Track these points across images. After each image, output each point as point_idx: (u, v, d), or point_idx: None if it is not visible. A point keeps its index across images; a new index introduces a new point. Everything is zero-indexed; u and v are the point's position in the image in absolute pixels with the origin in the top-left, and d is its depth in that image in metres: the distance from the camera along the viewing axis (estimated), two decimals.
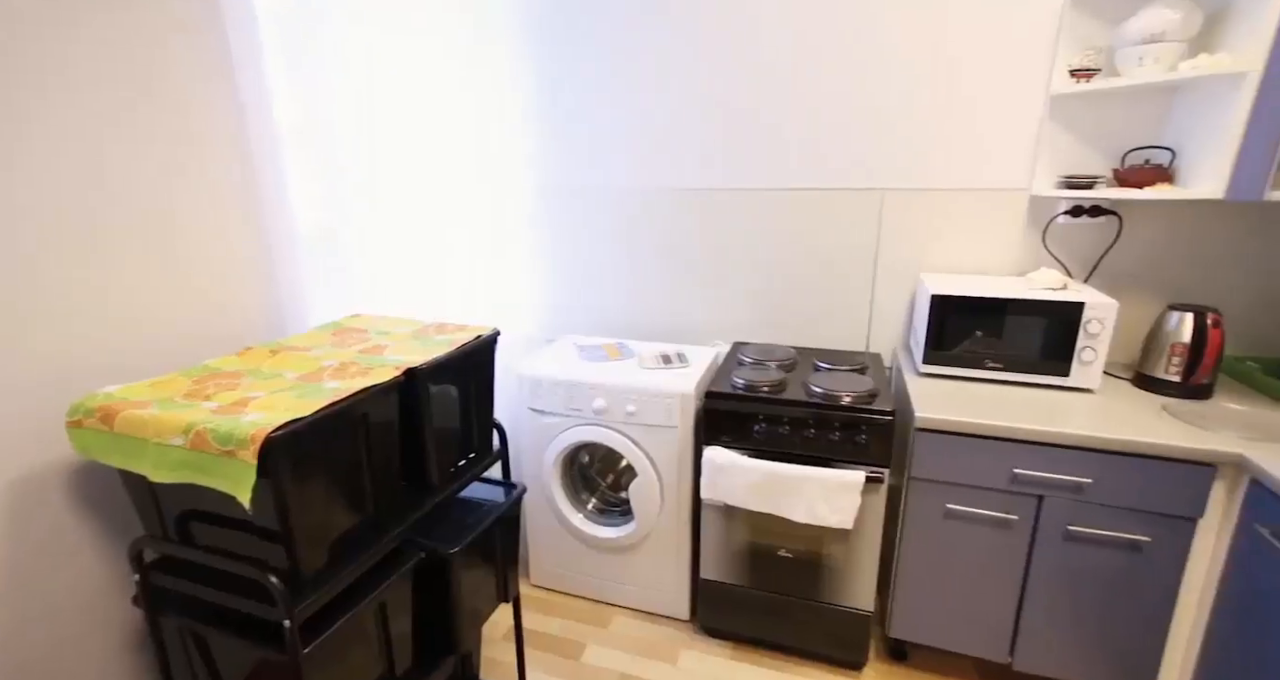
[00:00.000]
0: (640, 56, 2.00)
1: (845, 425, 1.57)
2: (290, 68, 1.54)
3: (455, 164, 1.97)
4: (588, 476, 2.09)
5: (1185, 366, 1.51)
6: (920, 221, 1.88)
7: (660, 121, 2.04)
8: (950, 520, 1.51)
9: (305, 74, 1.54)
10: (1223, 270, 1.66)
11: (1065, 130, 1.70)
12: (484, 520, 1.36)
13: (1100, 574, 1.42)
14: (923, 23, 1.73)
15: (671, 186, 2.09)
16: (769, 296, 2.08)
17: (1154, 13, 1.46)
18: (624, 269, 2.22)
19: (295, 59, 1.51)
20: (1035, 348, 1.60)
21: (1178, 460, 1.31)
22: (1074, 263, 1.78)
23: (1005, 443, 1.42)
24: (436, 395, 1.28)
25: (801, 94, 1.88)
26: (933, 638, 1.62)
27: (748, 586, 1.76)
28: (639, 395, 1.77)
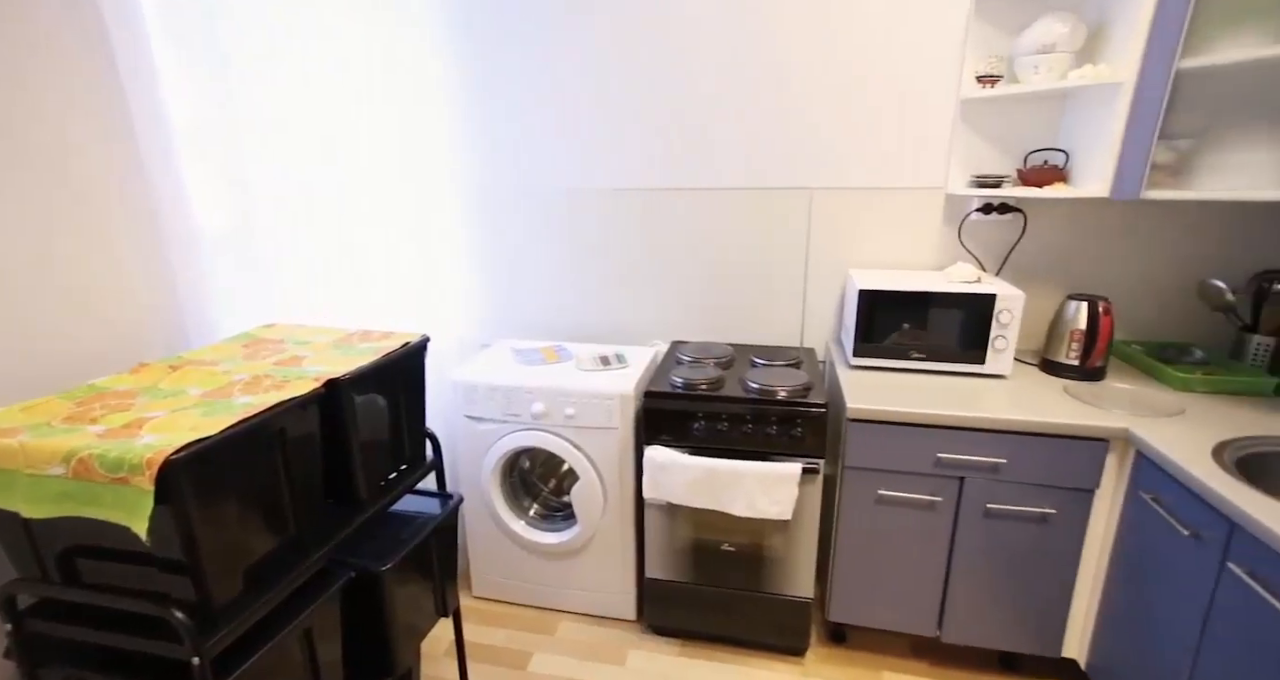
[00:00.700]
0: (570, 56, 1.97)
1: (781, 419, 1.61)
2: (186, 64, 1.42)
3: (377, 163, 1.88)
4: (529, 482, 2.05)
5: (1082, 351, 1.64)
6: (847, 220, 1.95)
7: (593, 121, 2.02)
8: (881, 505, 1.58)
9: (204, 71, 1.42)
10: (1111, 262, 1.81)
11: (975, 132, 1.81)
12: (418, 533, 1.30)
13: (1014, 546, 1.52)
14: (845, 30, 1.79)
15: (607, 187, 2.07)
16: (706, 295, 2.11)
17: (1045, 25, 1.57)
18: (560, 271, 2.19)
19: (194, 55, 1.39)
20: (954, 338, 1.69)
21: (1077, 437, 1.41)
22: (986, 257, 1.89)
23: (929, 429, 1.50)
24: (362, 406, 1.22)
25: (732, 96, 1.91)
26: (869, 619, 1.68)
27: (693, 583, 1.77)
28: (578, 398, 1.75)
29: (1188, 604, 1.18)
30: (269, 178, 1.69)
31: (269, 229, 1.73)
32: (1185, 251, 1.74)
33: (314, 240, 1.83)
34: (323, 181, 1.81)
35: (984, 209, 1.84)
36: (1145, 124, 1.43)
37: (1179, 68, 1.37)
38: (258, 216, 1.67)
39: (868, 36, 1.79)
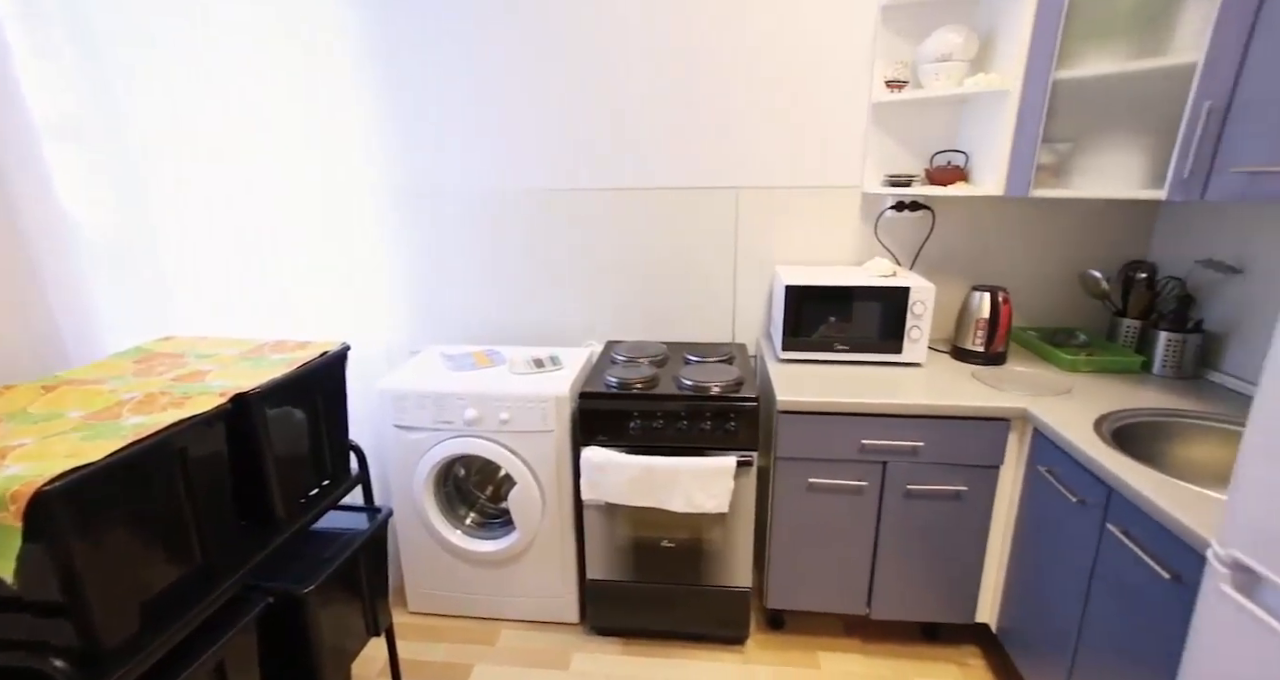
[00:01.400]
0: (495, 54, 1.93)
1: (715, 414, 1.64)
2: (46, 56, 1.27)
3: (285, 162, 1.77)
4: (464, 491, 1.99)
5: (986, 338, 1.77)
6: (773, 218, 2.01)
7: (522, 121, 1.99)
8: (812, 493, 1.64)
9: (74, 52, 1.29)
10: (1008, 255, 1.96)
11: (886, 134, 1.91)
12: (344, 551, 1.24)
13: (932, 523, 1.62)
14: (762, 34, 1.85)
15: (537, 187, 2.05)
16: (640, 294, 2.12)
17: (941, 36, 1.68)
18: (491, 273, 2.14)
19: (53, 35, 1.25)
20: (874, 330, 1.78)
21: (983, 418, 1.52)
22: (901, 252, 2.01)
23: (854, 417, 1.57)
24: (276, 421, 1.15)
25: (659, 97, 1.93)
26: (804, 603, 1.75)
27: (634, 581, 1.78)
28: (512, 402, 1.72)
29: (1076, 563, 1.30)
30: (161, 176, 1.55)
31: (164, 234, 1.59)
32: (1069, 245, 1.91)
33: (218, 245, 1.70)
34: (225, 181, 1.68)
35: (897, 207, 1.95)
36: (1030, 128, 1.56)
37: (1055, 78, 1.50)
38: (150, 219, 1.53)
39: (784, 41, 1.85)
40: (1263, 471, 0.84)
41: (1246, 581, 0.87)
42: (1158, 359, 1.64)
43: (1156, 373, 1.65)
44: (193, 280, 1.62)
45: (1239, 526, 0.87)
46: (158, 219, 1.52)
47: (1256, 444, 0.85)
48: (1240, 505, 0.87)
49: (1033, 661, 1.48)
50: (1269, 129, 1.14)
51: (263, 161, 1.71)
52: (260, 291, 1.74)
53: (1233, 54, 1.20)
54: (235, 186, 1.68)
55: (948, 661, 1.71)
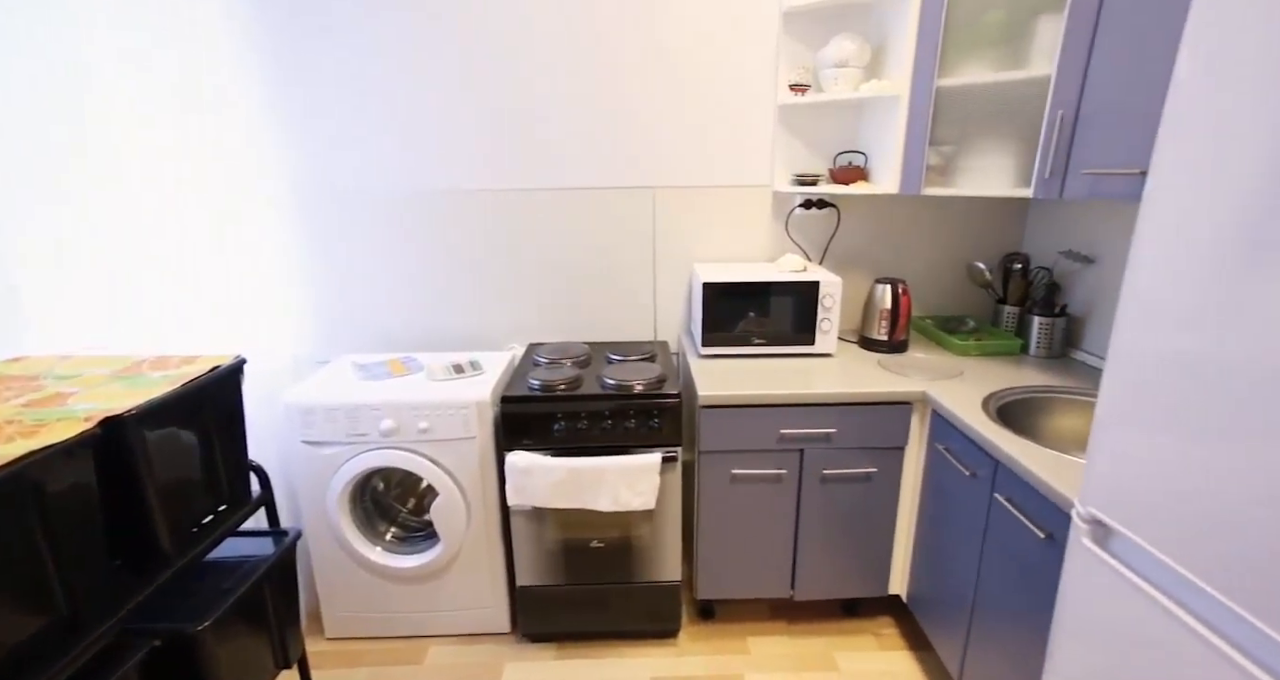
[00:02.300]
0: (400, 50, 1.86)
1: (639, 412, 1.66)
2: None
3: (166, 165, 1.62)
4: (384, 505, 1.90)
5: (889, 328, 1.89)
6: (689, 217, 2.05)
7: (432, 121, 1.93)
8: (736, 484, 1.70)
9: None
10: (906, 249, 2.10)
11: (792, 135, 2.00)
12: (246, 580, 1.15)
13: (847, 505, 1.71)
14: (672, 36, 1.88)
15: (450, 188, 1.99)
16: (561, 296, 2.11)
17: (838, 43, 1.78)
18: (406, 278, 2.06)
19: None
20: (788, 323, 1.85)
21: (889, 403, 1.63)
22: (810, 248, 2.10)
23: (772, 408, 1.63)
24: (158, 445, 1.05)
25: (573, 98, 1.93)
26: (733, 591, 1.80)
27: (565, 584, 1.77)
28: (431, 410, 1.66)
29: (971, 531, 1.42)
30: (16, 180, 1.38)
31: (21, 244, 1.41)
32: (958, 239, 2.08)
33: (86, 255, 1.53)
34: (91, 184, 1.52)
35: (805, 204, 2.04)
36: (918, 131, 1.68)
37: (938, 85, 1.62)
38: (4, 230, 1.36)
39: (693, 43, 1.89)
40: (1112, 437, 0.95)
41: (1102, 535, 0.98)
42: (1033, 341, 1.82)
43: (1032, 354, 1.82)
44: (54, 296, 1.45)
45: (1094, 487, 0.98)
46: (14, 229, 1.35)
47: (1106, 413, 0.96)
48: (1095, 468, 0.98)
49: (938, 625, 1.59)
50: (1107, 136, 1.29)
51: (135, 163, 1.56)
52: (142, 306, 1.58)
53: (1077, 69, 1.35)
54: (103, 193, 1.52)
55: (865, 634, 1.82)
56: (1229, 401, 0.77)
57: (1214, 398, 0.79)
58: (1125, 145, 1.25)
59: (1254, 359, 0.73)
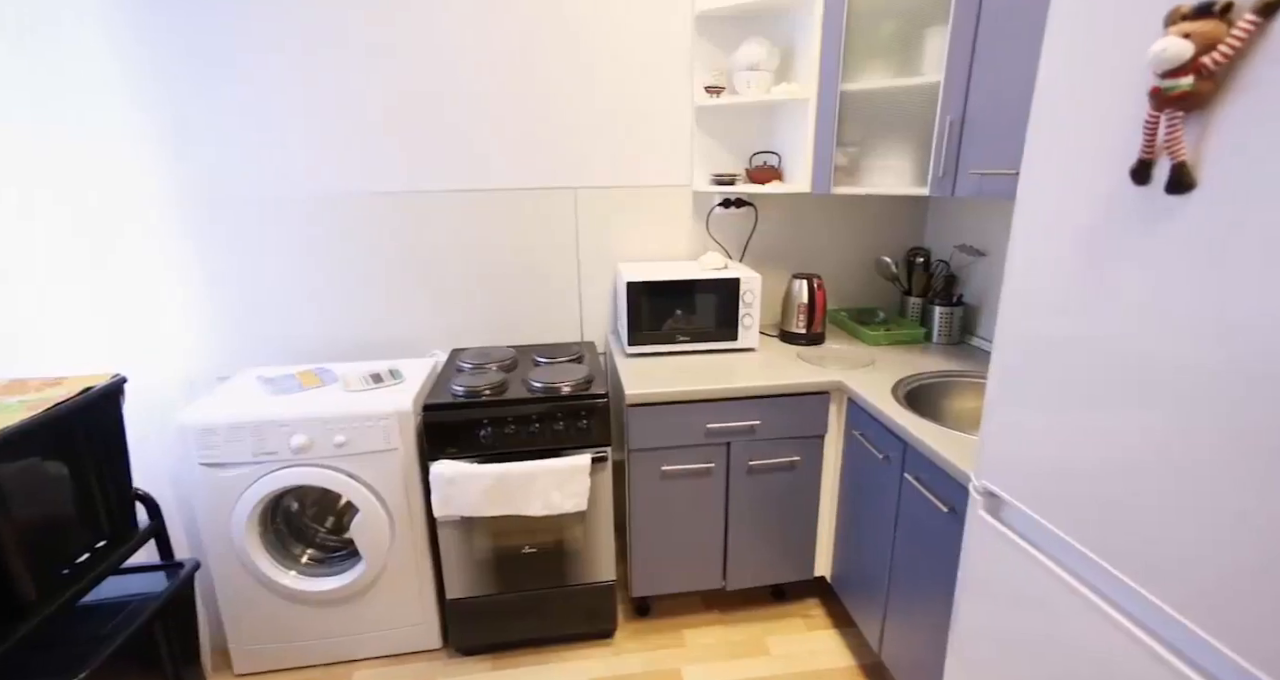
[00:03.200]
0: (306, 44, 1.75)
1: (567, 414, 1.64)
2: None
3: (25, 168, 1.44)
4: (298, 526, 1.79)
5: (807, 321, 1.97)
6: (612, 216, 2.06)
7: (340, 121, 1.83)
8: (666, 480, 1.71)
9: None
10: (820, 245, 2.20)
11: (709, 136, 2.04)
12: (132, 622, 1.05)
13: (773, 494, 1.77)
14: (589, 36, 1.88)
15: (365, 190, 1.90)
16: (484, 299, 2.06)
17: (749, 47, 1.83)
18: (318, 285, 1.95)
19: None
20: (712, 319, 1.89)
21: (808, 393, 1.69)
22: (731, 245, 2.16)
23: (698, 404, 1.66)
24: (17, 479, 0.94)
25: (493, 98, 1.89)
26: (667, 586, 1.82)
27: (498, 593, 1.73)
28: (348, 422, 1.58)
29: (885, 511, 1.51)
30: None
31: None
32: (867, 235, 2.19)
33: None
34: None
35: (724, 203, 2.09)
36: (826, 133, 1.76)
37: (842, 90, 1.71)
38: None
39: (611, 45, 1.90)
40: (999, 415, 1.03)
41: (995, 505, 1.06)
42: (935, 330, 1.95)
43: (935, 341, 1.96)
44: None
45: (987, 462, 1.06)
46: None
47: (994, 394, 1.04)
48: (986, 445, 1.06)
49: (859, 602, 1.68)
50: (989, 139, 1.40)
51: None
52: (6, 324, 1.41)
53: (961, 77, 1.45)
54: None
55: (794, 617, 1.89)
56: (1094, 379, 0.85)
57: (1081, 376, 0.87)
58: (1004, 147, 1.36)
59: (1114, 339, 0.82)
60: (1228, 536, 0.68)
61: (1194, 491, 0.71)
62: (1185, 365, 0.72)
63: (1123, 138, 0.78)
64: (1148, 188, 0.75)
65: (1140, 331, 0.77)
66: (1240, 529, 0.67)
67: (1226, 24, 0.63)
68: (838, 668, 1.70)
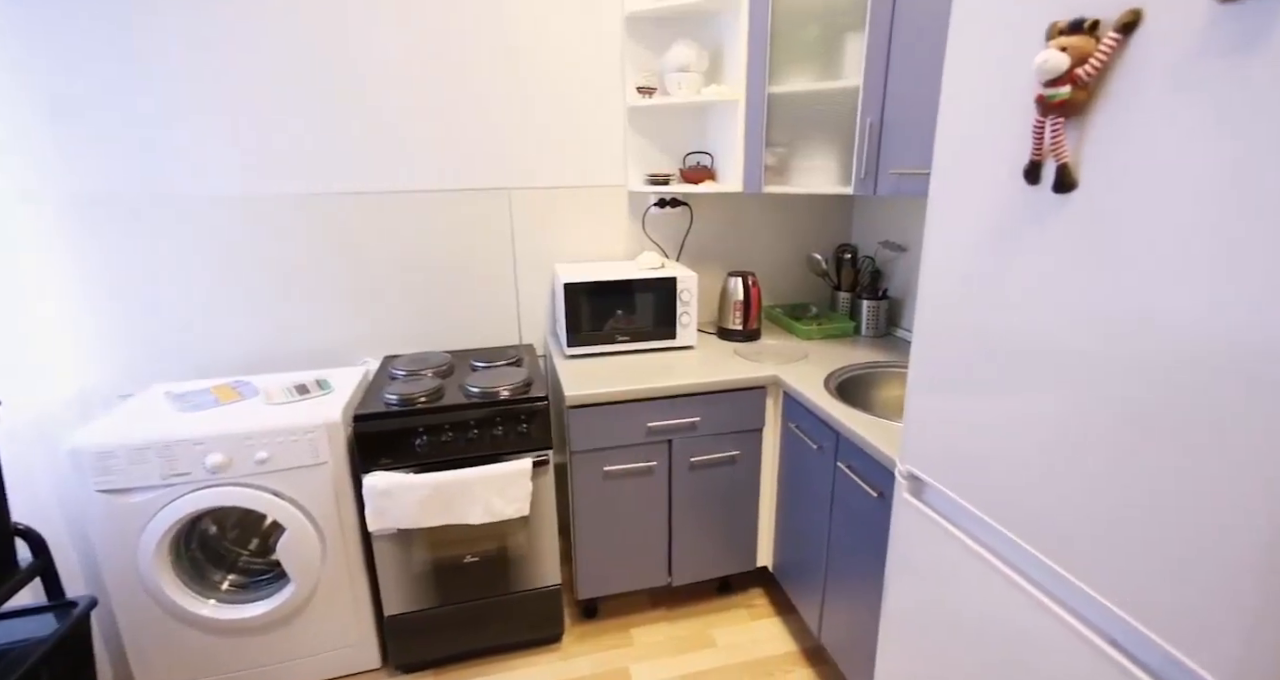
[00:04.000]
0: (213, 42, 1.63)
1: (506, 418, 1.61)
2: None
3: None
4: (217, 551, 1.68)
5: (743, 318, 2.01)
6: (547, 217, 2.03)
7: (259, 119, 1.73)
8: (609, 480, 1.71)
9: None
10: (754, 243, 2.25)
11: (642, 136, 2.05)
12: (14, 671, 0.95)
13: (714, 488, 1.80)
14: (524, 37, 1.86)
15: (286, 192, 1.80)
16: (418, 304, 1.99)
17: (678, 49, 1.85)
18: (235, 294, 1.83)
19: None
20: (650, 318, 1.90)
21: (746, 388, 1.73)
22: (667, 245, 2.18)
23: (639, 403, 1.66)
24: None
25: (422, 97, 1.84)
26: (614, 586, 1.82)
27: (439, 606, 1.68)
28: (270, 437, 1.49)
29: (821, 499, 1.56)
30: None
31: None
32: (798, 232, 2.26)
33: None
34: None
35: (659, 203, 2.11)
36: (755, 134, 1.80)
37: (769, 92, 1.75)
38: None
39: (543, 45, 1.88)
40: (919, 403, 1.09)
41: (918, 488, 1.12)
42: (863, 323, 2.04)
43: (864, 334, 2.04)
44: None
45: (909, 447, 1.12)
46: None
47: (914, 382, 1.10)
48: (909, 431, 1.12)
49: (800, 589, 1.74)
50: (906, 141, 1.47)
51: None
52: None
53: (879, 82, 1.52)
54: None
55: (739, 608, 1.93)
56: (998, 366, 0.91)
57: (987, 363, 0.93)
58: (918, 148, 1.43)
59: (1014, 328, 0.88)
60: (1116, 507, 0.74)
61: (1086, 467, 0.78)
62: (1075, 351, 0.78)
63: (1016, 141, 0.83)
64: (1038, 187, 0.81)
65: (1035, 321, 0.83)
66: (1127, 499, 0.73)
67: (1095, 39, 0.69)
68: (780, 654, 1.75)
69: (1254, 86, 0.57)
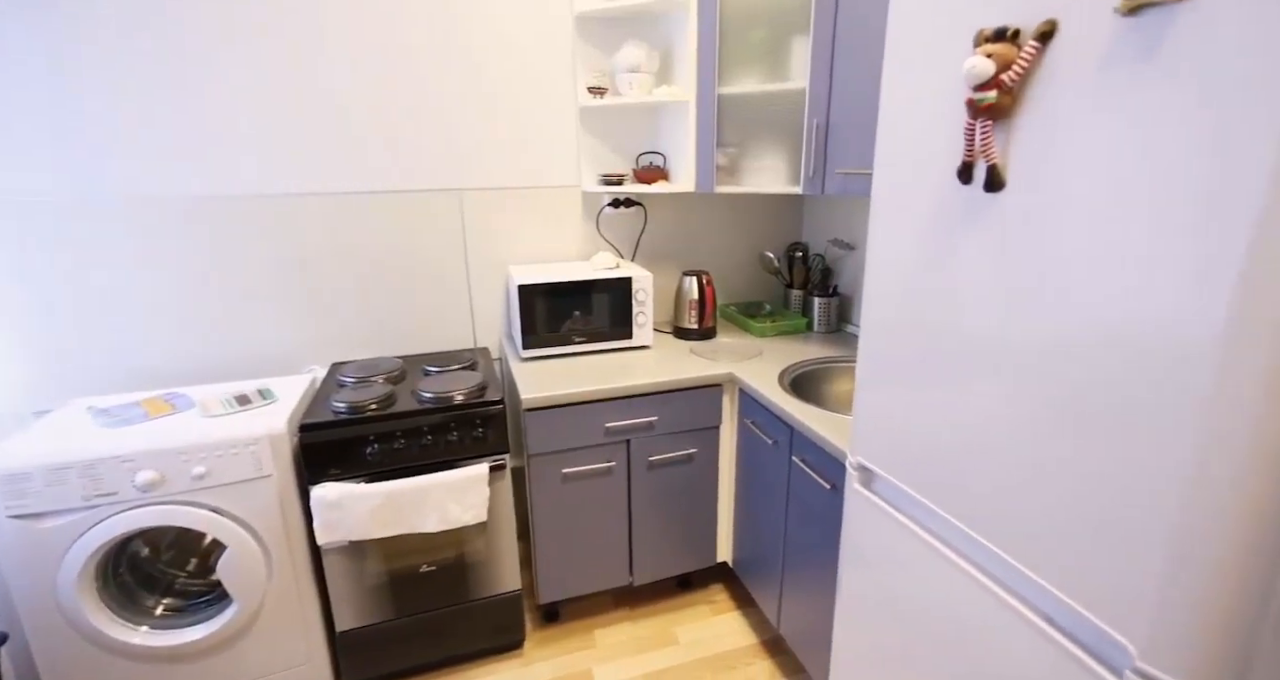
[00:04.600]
0: (146, 30, 1.53)
1: (461, 423, 1.58)
2: None
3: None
4: (151, 573, 1.58)
5: (698, 317, 2.03)
6: (501, 218, 2.00)
7: (195, 114, 1.64)
8: (568, 483, 1.70)
9: None
10: (708, 242, 2.27)
11: (595, 137, 2.04)
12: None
13: (673, 486, 1.81)
14: (475, 36, 1.82)
15: (229, 193, 1.72)
16: (367, 308, 1.93)
17: (629, 50, 1.86)
18: (167, 301, 1.74)
19: None
20: (606, 319, 1.90)
21: (702, 386, 1.75)
22: (622, 245, 2.18)
23: (596, 404, 1.66)
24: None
25: (371, 97, 1.78)
26: (575, 589, 1.81)
27: (395, 618, 1.63)
28: (208, 451, 1.41)
29: (777, 493, 1.59)
30: None
31: None
32: (751, 231, 2.30)
33: None
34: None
35: (613, 203, 2.10)
36: (707, 134, 1.82)
37: (719, 93, 1.77)
38: None
39: (494, 44, 1.85)
40: (866, 396, 1.12)
41: (867, 479, 1.15)
42: (815, 319, 2.09)
43: (816, 330, 2.10)
44: None
45: (859, 439, 1.15)
46: None
47: (862, 376, 1.13)
48: (858, 423, 1.15)
49: (758, 582, 1.76)
50: (851, 141, 1.51)
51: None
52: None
53: (824, 84, 1.56)
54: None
55: (700, 604, 1.95)
56: (938, 357, 0.95)
57: (928, 355, 0.97)
58: (862, 149, 1.48)
59: (951, 322, 0.92)
60: (1048, 490, 0.79)
61: (1021, 452, 0.82)
62: (1007, 341, 0.82)
63: (950, 142, 0.87)
64: (971, 186, 0.84)
65: (972, 315, 0.87)
66: (1058, 483, 0.77)
67: (1017, 47, 0.72)
68: (741, 647, 1.78)
69: (1152, 91, 0.61)
